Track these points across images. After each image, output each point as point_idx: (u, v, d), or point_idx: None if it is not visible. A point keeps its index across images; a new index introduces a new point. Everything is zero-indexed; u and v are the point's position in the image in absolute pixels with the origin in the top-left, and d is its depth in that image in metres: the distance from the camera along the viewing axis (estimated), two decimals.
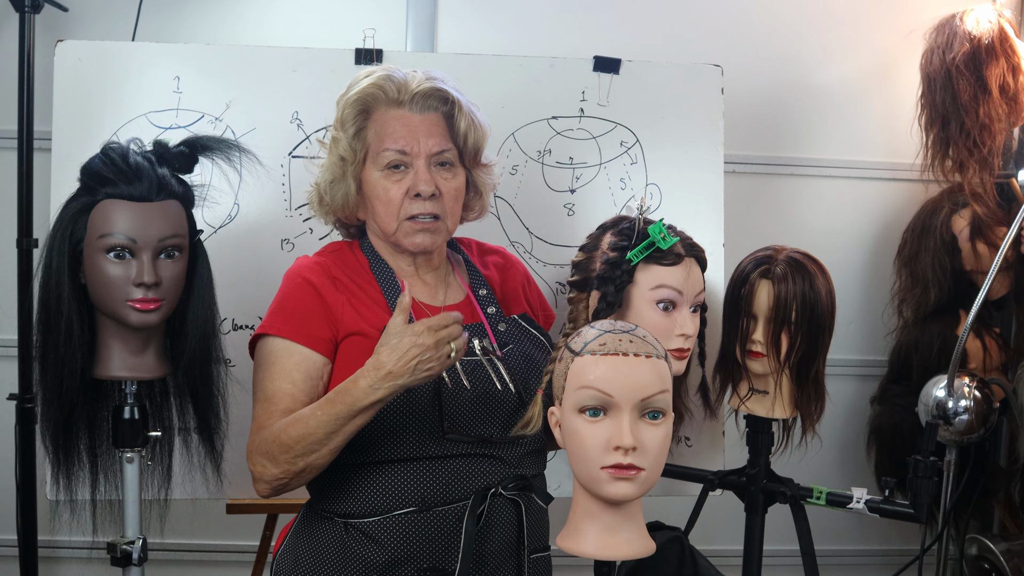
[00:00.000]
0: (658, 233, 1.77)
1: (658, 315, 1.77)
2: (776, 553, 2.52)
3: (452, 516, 1.71)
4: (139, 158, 1.76)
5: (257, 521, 2.54)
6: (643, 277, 1.77)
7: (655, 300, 1.77)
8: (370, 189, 1.80)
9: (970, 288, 2.78)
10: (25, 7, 2.48)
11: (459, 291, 1.89)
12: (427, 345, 1.56)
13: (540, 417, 1.73)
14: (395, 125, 1.78)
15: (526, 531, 1.75)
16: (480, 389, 1.76)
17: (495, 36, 2.84)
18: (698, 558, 2.00)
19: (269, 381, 1.74)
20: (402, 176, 1.77)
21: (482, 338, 1.81)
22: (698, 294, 1.81)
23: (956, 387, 2.57)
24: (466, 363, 1.77)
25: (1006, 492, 2.80)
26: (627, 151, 2.40)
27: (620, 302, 1.76)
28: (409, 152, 1.76)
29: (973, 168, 2.77)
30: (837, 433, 3.03)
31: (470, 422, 1.74)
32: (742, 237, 2.49)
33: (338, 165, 1.81)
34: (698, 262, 1.84)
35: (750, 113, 2.91)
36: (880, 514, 2.07)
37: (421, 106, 1.79)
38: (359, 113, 1.79)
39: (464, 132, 1.81)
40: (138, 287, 1.73)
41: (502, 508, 1.75)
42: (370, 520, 1.72)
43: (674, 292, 1.77)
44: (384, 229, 1.80)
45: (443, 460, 1.72)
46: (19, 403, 2.46)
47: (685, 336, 1.78)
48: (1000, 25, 2.76)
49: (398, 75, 1.80)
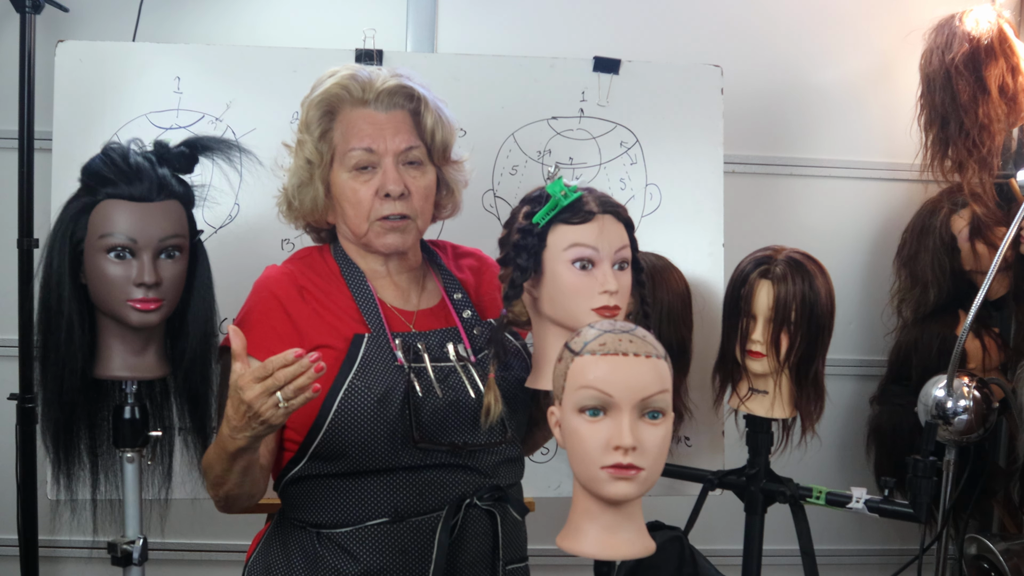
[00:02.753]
0: (558, 191, 1.67)
1: (575, 275, 1.66)
2: (776, 553, 2.52)
3: (426, 527, 1.68)
4: (139, 158, 1.76)
5: (257, 521, 2.54)
6: (554, 239, 1.67)
7: (570, 260, 1.66)
8: (338, 191, 1.76)
9: (969, 288, 2.78)
10: (26, 7, 2.48)
11: (435, 295, 1.85)
12: (250, 398, 1.45)
13: (498, 403, 1.69)
14: (361, 124, 1.74)
15: (501, 542, 1.73)
16: (452, 397, 1.72)
17: (495, 36, 2.83)
18: (698, 558, 2.00)
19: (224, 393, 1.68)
20: (370, 176, 1.73)
21: (456, 344, 1.78)
22: (619, 250, 1.68)
23: (955, 387, 2.57)
24: (439, 369, 1.73)
25: (1005, 492, 2.80)
26: (627, 151, 2.41)
27: (532, 267, 1.68)
28: (376, 151, 1.73)
29: (972, 168, 2.77)
30: (836, 433, 3.03)
31: (442, 430, 1.70)
32: (742, 237, 2.49)
33: (305, 168, 1.77)
34: (617, 218, 1.70)
35: (750, 113, 2.91)
36: (879, 514, 2.07)
37: (387, 104, 1.76)
38: (324, 114, 1.76)
39: (431, 129, 1.78)
40: (138, 287, 1.73)
41: (477, 519, 1.72)
42: (342, 531, 1.69)
43: (588, 249, 1.66)
44: (354, 231, 1.77)
45: (416, 471, 1.69)
46: (20, 403, 2.46)
47: (609, 292, 1.66)
48: (999, 25, 2.76)
49: (362, 74, 1.77)
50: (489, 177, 2.37)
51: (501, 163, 2.37)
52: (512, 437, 1.76)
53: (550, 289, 1.66)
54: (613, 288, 1.65)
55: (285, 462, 1.74)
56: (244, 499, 1.68)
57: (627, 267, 1.70)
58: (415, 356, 1.73)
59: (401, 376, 1.70)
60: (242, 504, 1.69)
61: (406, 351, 1.72)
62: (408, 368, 1.70)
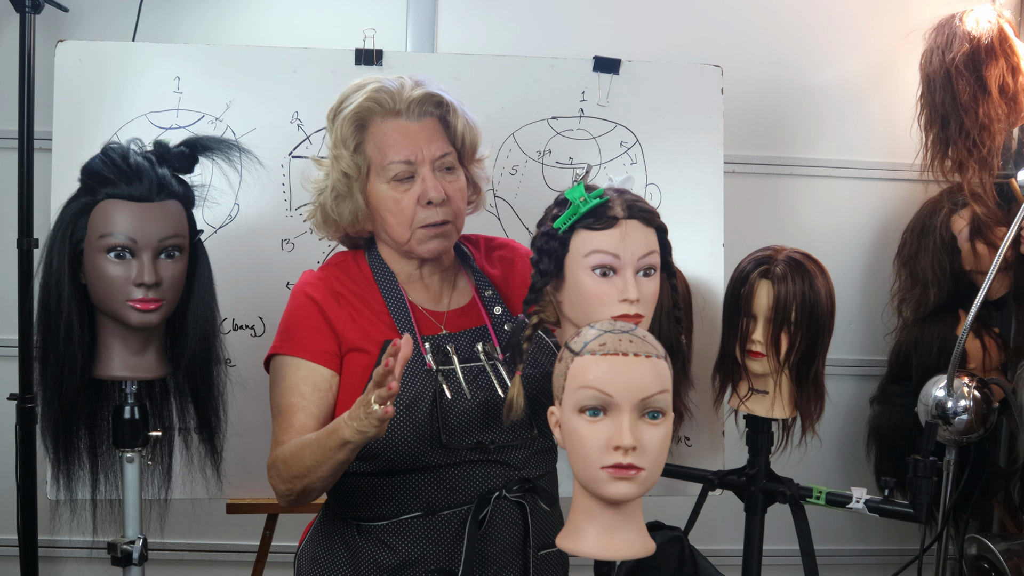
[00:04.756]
0: (577, 197, 1.65)
1: (596, 282, 1.63)
2: (776, 553, 2.52)
3: (457, 519, 1.73)
4: (139, 158, 1.76)
5: (257, 521, 2.54)
6: (576, 245, 1.65)
7: (591, 267, 1.64)
8: (378, 202, 1.79)
9: (970, 288, 2.78)
10: (25, 7, 2.48)
11: (466, 293, 1.89)
12: (364, 402, 1.51)
13: (521, 398, 1.68)
14: (395, 136, 1.77)
15: (532, 531, 1.76)
16: (481, 397, 1.75)
17: (495, 36, 2.83)
18: (698, 558, 2.00)
19: (280, 396, 1.77)
20: (410, 185, 1.77)
21: (485, 342, 1.81)
22: (643, 256, 1.64)
23: (956, 387, 2.57)
24: (468, 370, 1.77)
25: (1005, 492, 2.80)
26: (627, 151, 2.41)
27: (554, 272, 1.67)
28: (414, 161, 1.76)
29: (973, 168, 2.77)
30: (837, 433, 3.03)
31: (470, 430, 1.74)
32: (742, 237, 2.49)
33: (342, 182, 1.80)
34: (645, 223, 1.67)
35: (750, 113, 2.91)
36: (880, 514, 2.07)
37: (418, 113, 1.78)
38: (356, 128, 1.78)
39: (461, 133, 1.82)
40: (138, 287, 1.73)
41: (506, 510, 1.76)
42: (380, 524, 1.75)
43: (609, 256, 1.63)
44: (397, 239, 1.80)
45: (446, 468, 1.73)
46: (19, 403, 2.46)
47: (629, 301, 1.63)
48: (1000, 25, 2.76)
49: (390, 84, 1.78)
50: None
51: (501, 163, 2.37)
52: (539, 432, 1.78)
53: (571, 295, 1.66)
54: (633, 296, 1.63)
55: None
56: (316, 494, 1.71)
57: (653, 273, 1.67)
58: (444, 359, 1.76)
59: (430, 380, 1.73)
60: (311, 499, 1.73)
61: (435, 354, 1.76)
62: (436, 370, 1.74)
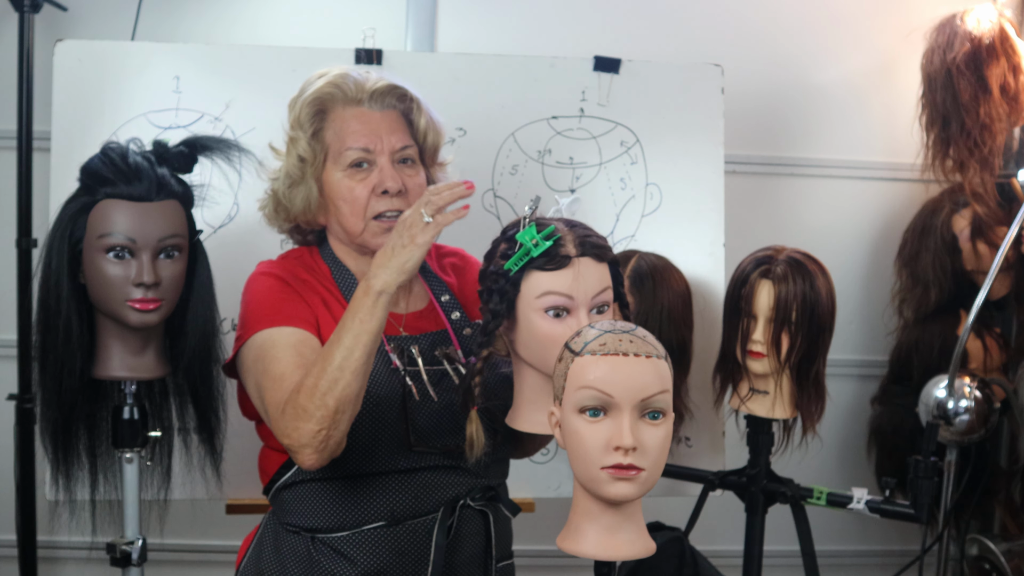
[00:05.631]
0: (529, 240, 1.56)
1: (549, 324, 1.56)
2: (776, 553, 2.52)
3: (422, 529, 1.68)
4: (139, 158, 1.76)
5: (257, 522, 2.53)
6: (527, 286, 1.56)
7: (543, 308, 1.56)
8: (332, 190, 1.73)
9: (971, 288, 2.78)
10: (24, 7, 2.48)
11: (422, 298, 1.82)
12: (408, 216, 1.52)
13: (481, 436, 1.62)
14: (354, 124, 1.73)
15: (494, 540, 1.73)
16: (446, 400, 1.70)
17: (495, 36, 2.83)
18: (698, 558, 2.00)
19: (273, 365, 1.62)
20: (366, 175, 1.71)
21: (446, 346, 1.76)
22: (598, 294, 1.57)
23: (957, 387, 2.57)
24: (432, 373, 1.72)
25: (1007, 492, 2.80)
26: (627, 151, 2.40)
27: (505, 313, 1.59)
28: (372, 149, 1.71)
29: (974, 168, 2.77)
30: (837, 433, 3.03)
31: (438, 434, 1.70)
32: (742, 237, 2.49)
33: (297, 167, 1.74)
34: (597, 260, 1.59)
35: (750, 113, 2.91)
36: (880, 514, 2.07)
37: (380, 103, 1.75)
38: (316, 113, 1.74)
39: (424, 130, 1.78)
40: (138, 287, 1.73)
41: (470, 519, 1.72)
42: (339, 535, 1.68)
43: (562, 298, 1.55)
44: (350, 230, 1.73)
45: (411, 473, 1.68)
46: (18, 403, 2.46)
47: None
48: (1001, 25, 2.76)
49: (354, 74, 1.76)
50: (489, 177, 2.37)
51: (501, 163, 2.37)
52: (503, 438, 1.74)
53: (524, 335, 1.59)
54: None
55: (277, 467, 1.74)
56: (350, 412, 1.54)
57: (607, 309, 1.61)
58: (409, 360, 1.71)
59: (396, 379, 1.69)
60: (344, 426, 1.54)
61: (400, 354, 1.71)
62: (404, 371, 1.69)
